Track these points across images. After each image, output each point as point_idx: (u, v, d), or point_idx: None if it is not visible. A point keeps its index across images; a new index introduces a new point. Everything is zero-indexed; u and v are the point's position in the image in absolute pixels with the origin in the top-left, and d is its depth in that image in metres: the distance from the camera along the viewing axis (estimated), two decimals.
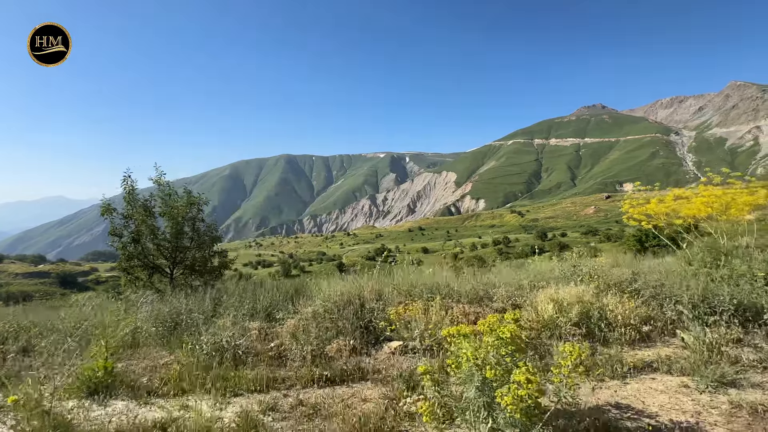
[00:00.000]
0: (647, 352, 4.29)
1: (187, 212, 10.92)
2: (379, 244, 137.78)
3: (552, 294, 5.16)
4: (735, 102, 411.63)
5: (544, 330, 4.80)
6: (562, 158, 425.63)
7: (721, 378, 3.46)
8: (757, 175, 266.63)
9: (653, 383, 3.62)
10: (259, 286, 7.30)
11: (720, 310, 4.54)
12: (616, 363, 3.89)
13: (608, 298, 5.10)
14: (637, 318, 4.77)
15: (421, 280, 6.27)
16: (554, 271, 6.83)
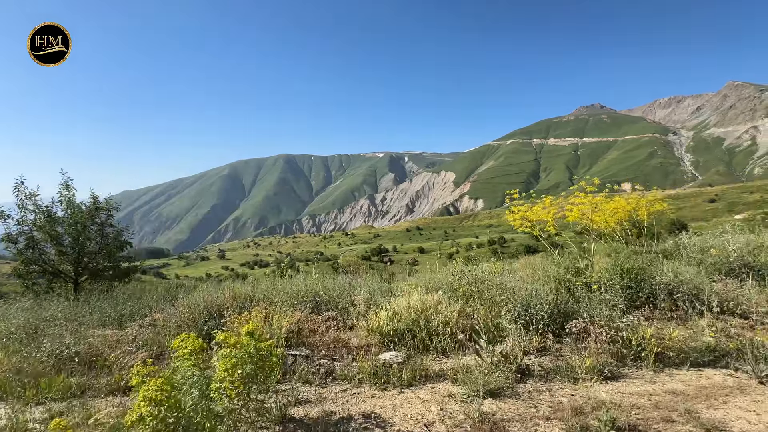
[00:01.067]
0: (454, 360, 4.24)
1: (94, 217, 10.75)
2: (376, 244, 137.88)
3: (408, 300, 5.10)
4: (733, 102, 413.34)
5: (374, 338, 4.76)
6: (560, 158, 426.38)
7: (486, 386, 3.47)
8: (755, 174, 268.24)
9: (427, 393, 3.63)
10: (146, 292, 7.36)
11: (538, 317, 4.65)
12: (412, 373, 3.90)
13: (452, 305, 5.08)
14: (457, 326, 4.74)
15: (308, 286, 6.25)
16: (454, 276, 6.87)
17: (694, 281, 5.06)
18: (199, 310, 5.25)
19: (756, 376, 3.43)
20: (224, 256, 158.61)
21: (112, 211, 11.01)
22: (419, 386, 3.79)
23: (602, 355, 4.04)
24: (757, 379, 3.42)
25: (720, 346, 3.95)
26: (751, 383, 3.41)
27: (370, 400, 3.55)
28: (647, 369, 3.78)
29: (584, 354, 4.16)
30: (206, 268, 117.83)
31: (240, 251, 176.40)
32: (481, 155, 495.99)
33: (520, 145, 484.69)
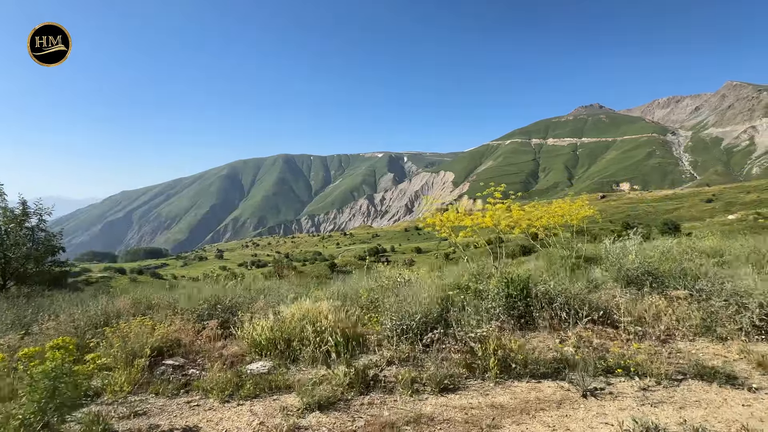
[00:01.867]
0: (315, 372, 4.25)
1: (23, 223, 10.68)
2: (374, 244, 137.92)
3: (304, 306, 5.08)
4: (731, 102, 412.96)
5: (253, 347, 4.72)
6: (559, 158, 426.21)
7: (318, 399, 3.47)
8: (753, 174, 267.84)
9: (265, 405, 3.62)
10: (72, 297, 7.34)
11: (412, 326, 4.67)
12: (267, 383, 3.88)
13: (339, 314, 5.06)
14: (337, 335, 4.74)
15: (211, 292, 6.20)
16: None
17: (572, 290, 5.05)
18: (86, 317, 5.24)
19: (581, 389, 3.41)
20: (222, 256, 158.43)
21: (44, 215, 10.94)
22: (264, 398, 3.78)
23: (455, 366, 4.03)
24: (581, 393, 3.40)
25: (568, 358, 3.93)
26: (574, 396, 3.39)
27: (204, 413, 3.55)
28: (490, 381, 3.76)
29: (445, 365, 4.15)
30: (204, 268, 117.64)
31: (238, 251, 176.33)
32: (480, 155, 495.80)
33: (519, 145, 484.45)
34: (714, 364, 3.82)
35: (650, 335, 4.47)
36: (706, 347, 4.24)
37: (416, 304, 4.95)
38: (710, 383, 3.48)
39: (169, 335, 4.89)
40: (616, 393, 3.43)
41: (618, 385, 3.57)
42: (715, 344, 4.26)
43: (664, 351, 4.15)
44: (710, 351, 4.13)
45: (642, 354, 3.96)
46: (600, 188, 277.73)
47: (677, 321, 4.61)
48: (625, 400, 3.30)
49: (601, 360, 3.83)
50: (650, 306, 4.81)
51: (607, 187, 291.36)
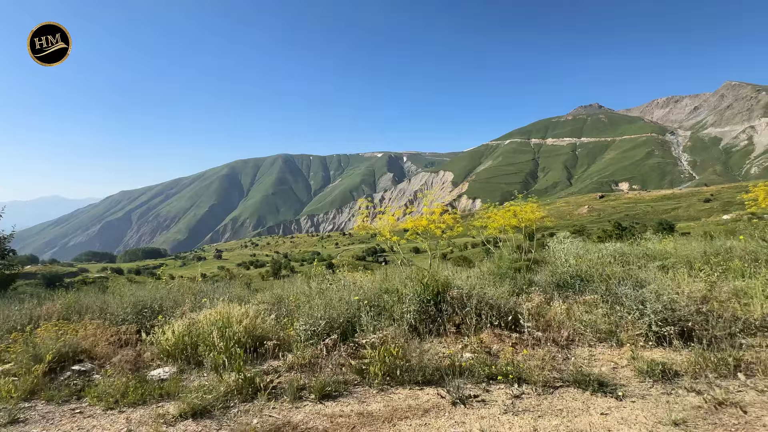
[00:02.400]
0: (210, 378, 4.22)
1: None
2: (374, 244, 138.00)
3: (219, 310, 5.05)
4: (730, 102, 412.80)
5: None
6: (558, 158, 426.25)
7: (196, 406, 3.47)
8: (752, 174, 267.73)
9: (143, 412, 3.61)
10: None
11: (319, 330, 4.68)
12: (159, 390, 3.87)
13: (258, 318, 5.01)
14: (249, 339, 4.70)
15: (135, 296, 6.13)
16: None
17: (490, 294, 5.03)
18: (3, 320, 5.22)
19: (453, 396, 3.39)
20: (221, 256, 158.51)
21: None
22: (149, 405, 3.77)
23: (350, 372, 4.01)
24: (451, 400, 3.38)
25: (457, 364, 3.91)
26: (445, 404, 3.37)
27: (82, 420, 3.54)
28: (374, 387, 3.74)
29: (341, 370, 4.13)
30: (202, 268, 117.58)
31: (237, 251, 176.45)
32: (479, 155, 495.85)
33: (518, 144, 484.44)
34: (600, 371, 3.80)
35: (552, 340, 4.45)
36: (602, 353, 4.22)
37: (330, 308, 4.93)
38: (584, 390, 3.45)
39: (80, 340, 4.87)
40: (488, 401, 3.41)
41: (495, 392, 3.55)
42: (613, 350, 4.24)
43: (559, 356, 4.13)
44: (605, 357, 4.10)
45: (534, 360, 3.94)
46: (599, 188, 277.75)
47: (584, 326, 4.59)
48: (492, 408, 3.28)
49: (489, 366, 3.81)
50: (555, 311, 4.79)
51: (606, 187, 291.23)
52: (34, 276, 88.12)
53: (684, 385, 3.43)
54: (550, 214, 40.39)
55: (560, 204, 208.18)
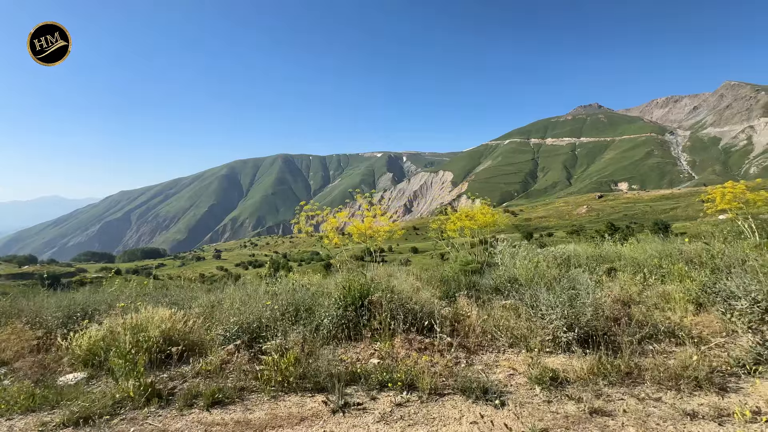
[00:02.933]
0: (115, 385, 4.16)
1: None
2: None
3: (139, 315, 5.00)
4: (729, 102, 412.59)
5: None
6: (558, 158, 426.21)
7: (77, 415, 3.42)
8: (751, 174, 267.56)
9: (30, 421, 3.57)
10: None
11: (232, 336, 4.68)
12: (57, 397, 3.85)
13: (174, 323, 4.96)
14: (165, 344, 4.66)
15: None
16: None
17: (417, 299, 4.98)
18: None
19: (335, 404, 3.34)
20: (220, 257, 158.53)
21: None
22: (39, 412, 3.72)
23: (252, 378, 3.97)
24: (332, 408, 3.33)
25: (356, 370, 3.86)
26: (325, 412, 3.33)
27: None
28: (267, 394, 3.70)
29: (245, 377, 4.08)
30: (201, 268, 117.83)
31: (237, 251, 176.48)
32: (479, 155, 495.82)
33: (517, 144, 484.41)
34: (496, 377, 3.75)
35: (463, 346, 4.40)
36: (507, 359, 4.17)
37: (248, 312, 4.88)
38: (468, 398, 3.40)
39: None
40: (370, 409, 3.36)
41: (382, 399, 3.50)
42: (518, 356, 4.18)
43: (464, 362, 4.09)
44: (508, 363, 4.04)
45: (438, 366, 3.90)
46: (598, 188, 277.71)
47: (500, 331, 4.54)
48: (368, 417, 3.24)
49: (389, 372, 3.76)
50: (473, 316, 4.74)
51: (605, 187, 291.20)
52: (31, 276, 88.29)
53: (569, 392, 3.39)
54: (549, 213, 41.34)
55: (559, 204, 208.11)
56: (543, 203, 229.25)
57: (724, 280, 4.80)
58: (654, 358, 3.82)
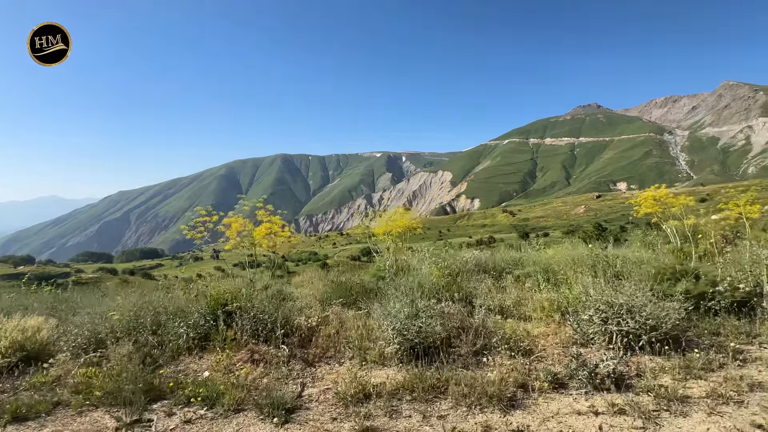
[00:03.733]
0: None
1: None
2: (370, 244, 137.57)
3: None
4: (727, 102, 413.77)
5: None
6: (557, 157, 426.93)
7: None
8: (749, 173, 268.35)
9: None
10: None
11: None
12: None
13: None
14: None
15: None
16: None
17: (263, 307, 4.93)
18: None
19: (122, 421, 3.34)
20: (218, 257, 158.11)
21: None
22: None
23: (72, 393, 3.94)
24: (115, 426, 3.33)
25: (182, 385, 3.86)
26: (108, 429, 3.32)
27: None
28: (72, 408, 3.71)
29: (78, 388, 3.97)
30: (198, 268, 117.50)
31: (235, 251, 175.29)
32: (478, 155, 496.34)
33: (516, 144, 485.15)
34: (309, 392, 3.76)
35: (302, 358, 4.40)
36: (337, 371, 4.13)
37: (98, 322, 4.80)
38: (259, 415, 3.37)
39: None
40: (155, 426, 3.33)
41: (177, 415, 3.47)
42: (361, 369, 4.09)
43: (294, 374, 4.11)
44: (332, 376, 4.02)
45: (268, 378, 3.91)
46: (597, 188, 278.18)
47: (348, 342, 4.53)
48: None
49: (200, 387, 3.70)
50: (329, 326, 4.80)
51: (604, 187, 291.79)
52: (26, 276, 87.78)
53: (364, 410, 3.31)
54: (547, 213, 41.42)
55: (557, 204, 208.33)
56: (541, 203, 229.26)
57: (580, 289, 4.79)
58: (481, 370, 3.79)
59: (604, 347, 4.11)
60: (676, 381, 3.49)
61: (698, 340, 4.22)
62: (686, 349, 3.96)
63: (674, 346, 4.00)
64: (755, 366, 3.71)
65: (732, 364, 3.75)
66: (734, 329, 4.30)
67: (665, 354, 3.87)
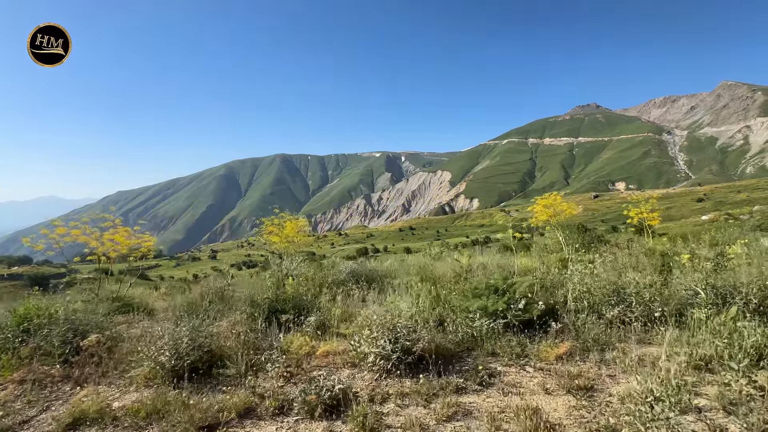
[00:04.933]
0: None
1: None
2: (368, 244, 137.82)
3: None
4: (726, 101, 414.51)
5: None
6: (556, 157, 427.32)
7: None
8: (747, 173, 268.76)
9: None
10: None
11: None
12: None
13: None
14: None
15: None
16: None
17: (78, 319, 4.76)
18: None
19: None
20: (215, 257, 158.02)
21: None
22: None
23: None
24: None
25: None
26: None
27: None
28: None
29: None
30: (196, 268, 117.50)
31: (233, 251, 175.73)
32: (477, 155, 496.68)
33: (515, 144, 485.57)
34: (47, 415, 3.64)
35: (74, 378, 4.24)
36: (97, 392, 4.02)
37: None
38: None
39: None
40: None
41: None
42: (119, 390, 4.03)
43: (51, 397, 3.98)
44: (105, 395, 3.87)
45: (29, 396, 3.86)
46: (596, 188, 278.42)
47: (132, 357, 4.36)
48: None
49: None
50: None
51: (603, 187, 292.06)
52: (20, 277, 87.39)
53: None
54: None
55: None
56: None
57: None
58: (222, 395, 3.69)
59: (367, 368, 3.98)
60: (399, 407, 3.31)
61: (474, 362, 4.02)
62: (445, 372, 3.81)
63: (443, 368, 3.85)
64: (494, 389, 3.54)
65: (472, 386, 3.58)
66: (510, 350, 4.06)
67: (416, 377, 3.72)
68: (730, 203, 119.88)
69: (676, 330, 3.95)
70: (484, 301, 4.52)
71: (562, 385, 3.43)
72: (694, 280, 4.65)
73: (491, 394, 3.49)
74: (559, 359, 3.91)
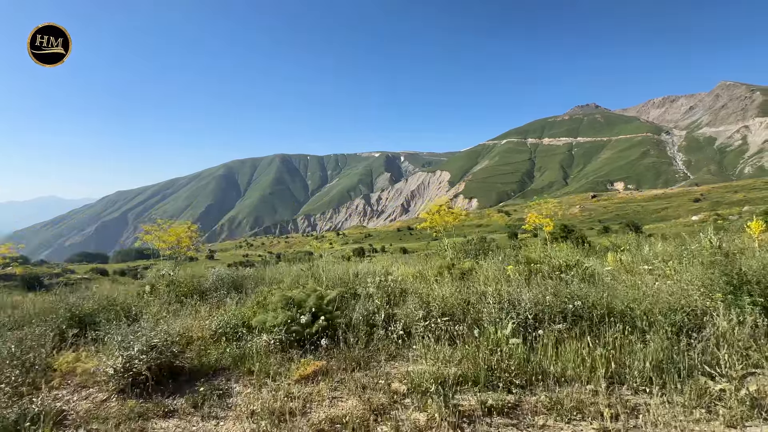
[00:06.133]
0: None
1: None
2: (366, 244, 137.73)
3: None
4: (724, 102, 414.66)
5: None
6: (555, 157, 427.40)
7: None
8: (745, 173, 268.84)
9: None
10: None
11: None
12: None
13: None
14: None
15: None
16: None
17: None
18: None
19: None
20: (213, 257, 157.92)
21: None
22: None
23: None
24: None
25: None
26: None
27: None
28: None
29: None
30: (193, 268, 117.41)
31: (231, 251, 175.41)
32: (476, 155, 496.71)
33: (515, 144, 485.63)
34: None
35: None
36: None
37: None
38: None
39: None
40: None
41: None
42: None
43: None
44: None
45: None
46: (595, 188, 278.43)
47: None
48: None
49: None
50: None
51: (602, 187, 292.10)
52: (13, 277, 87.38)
53: None
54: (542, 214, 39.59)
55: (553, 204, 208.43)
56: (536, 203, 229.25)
57: None
58: None
59: (107, 388, 3.93)
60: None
61: (215, 382, 3.89)
62: (175, 393, 3.71)
63: (174, 389, 3.75)
64: (202, 412, 3.41)
65: (185, 408, 3.47)
66: (266, 368, 3.88)
67: (147, 398, 3.65)
68: (727, 203, 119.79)
69: (446, 345, 3.94)
70: (266, 315, 4.44)
71: (267, 408, 3.27)
72: (490, 293, 4.58)
73: (194, 416, 3.38)
74: (303, 379, 3.73)
